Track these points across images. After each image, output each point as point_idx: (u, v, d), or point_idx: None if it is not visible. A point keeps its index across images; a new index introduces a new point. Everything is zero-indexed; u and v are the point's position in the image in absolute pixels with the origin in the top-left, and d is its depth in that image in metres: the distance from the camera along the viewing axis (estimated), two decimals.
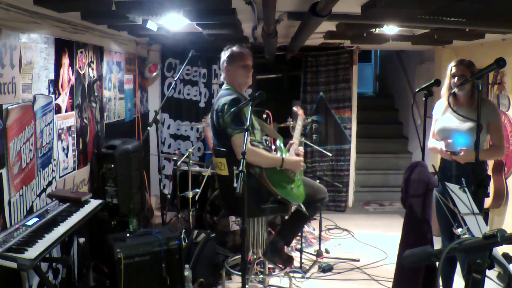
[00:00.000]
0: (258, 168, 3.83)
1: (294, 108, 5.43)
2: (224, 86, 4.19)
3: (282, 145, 4.14)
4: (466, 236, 2.77)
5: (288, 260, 4.30)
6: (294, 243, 5.81)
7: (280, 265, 4.54)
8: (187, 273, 4.52)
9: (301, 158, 4.08)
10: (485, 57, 3.83)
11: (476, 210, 2.85)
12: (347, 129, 7.88)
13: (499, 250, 4.12)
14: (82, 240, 4.77)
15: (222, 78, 4.29)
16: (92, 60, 5.24)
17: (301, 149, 4.24)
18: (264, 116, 5.49)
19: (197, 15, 4.02)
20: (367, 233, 6.78)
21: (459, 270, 4.21)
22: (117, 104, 6.18)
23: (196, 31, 5.17)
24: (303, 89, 7.94)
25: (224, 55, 4.23)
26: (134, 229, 4.35)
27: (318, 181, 4.54)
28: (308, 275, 5.29)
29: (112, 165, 5.04)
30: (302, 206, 4.06)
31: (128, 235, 4.30)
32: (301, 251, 5.45)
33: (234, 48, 4.21)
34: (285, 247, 4.32)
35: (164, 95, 7.67)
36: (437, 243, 4.22)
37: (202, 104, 7.79)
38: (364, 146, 8.95)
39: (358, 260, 5.73)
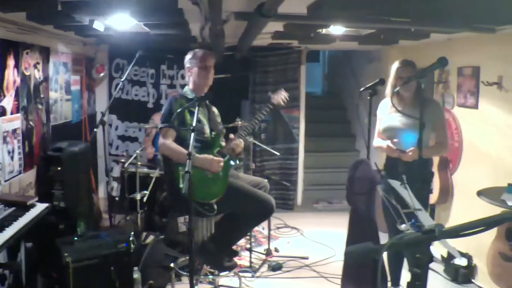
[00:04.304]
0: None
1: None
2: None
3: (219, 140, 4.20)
4: (410, 231, 2.85)
5: (221, 265, 4.26)
6: (243, 242, 5.84)
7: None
8: (136, 275, 4.49)
9: (214, 158, 3.96)
10: (431, 57, 3.92)
11: (418, 206, 2.93)
12: (295, 129, 7.95)
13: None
14: (29, 245, 4.68)
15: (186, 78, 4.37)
16: (39, 61, 5.13)
17: (237, 143, 4.19)
18: None
19: (144, 15, 4.01)
20: (316, 231, 6.88)
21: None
22: (64, 105, 6.07)
23: (144, 31, 5.14)
24: (252, 89, 7.97)
25: (187, 57, 4.30)
26: (82, 233, 4.30)
27: (266, 180, 4.51)
28: (257, 274, 5.33)
29: (59, 168, 4.95)
30: (215, 206, 3.94)
31: (76, 238, 4.24)
32: (250, 250, 5.47)
33: (196, 50, 4.30)
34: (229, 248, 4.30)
35: (111, 96, 7.56)
36: (385, 239, 4.32)
37: (150, 105, 7.72)
38: (313, 144, 9.02)
39: (307, 258, 5.79)
